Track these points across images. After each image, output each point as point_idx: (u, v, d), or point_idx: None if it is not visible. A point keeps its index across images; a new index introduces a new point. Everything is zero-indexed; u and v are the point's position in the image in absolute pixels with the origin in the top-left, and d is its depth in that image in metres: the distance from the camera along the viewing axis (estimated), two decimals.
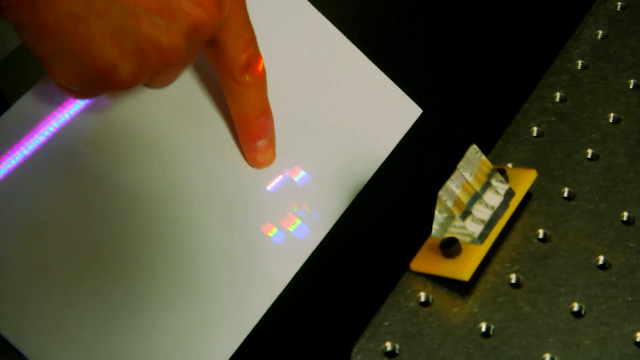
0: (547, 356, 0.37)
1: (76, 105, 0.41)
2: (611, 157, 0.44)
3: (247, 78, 0.41)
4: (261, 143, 0.43)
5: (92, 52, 0.35)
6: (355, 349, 0.38)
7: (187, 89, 0.44)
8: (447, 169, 0.39)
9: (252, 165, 0.44)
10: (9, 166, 0.39)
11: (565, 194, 0.43)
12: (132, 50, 0.36)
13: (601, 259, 0.40)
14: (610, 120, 0.46)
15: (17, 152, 0.40)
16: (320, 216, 0.44)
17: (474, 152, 0.40)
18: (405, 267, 0.40)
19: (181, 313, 0.40)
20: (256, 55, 0.41)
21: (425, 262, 0.40)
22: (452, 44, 0.62)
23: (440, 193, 0.39)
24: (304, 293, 0.50)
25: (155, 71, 0.37)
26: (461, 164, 0.39)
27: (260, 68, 0.41)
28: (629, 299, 0.39)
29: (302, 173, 0.45)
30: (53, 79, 0.37)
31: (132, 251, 0.40)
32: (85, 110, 0.41)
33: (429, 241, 0.40)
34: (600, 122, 0.46)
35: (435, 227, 0.40)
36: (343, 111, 0.47)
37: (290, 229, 0.43)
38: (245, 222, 0.43)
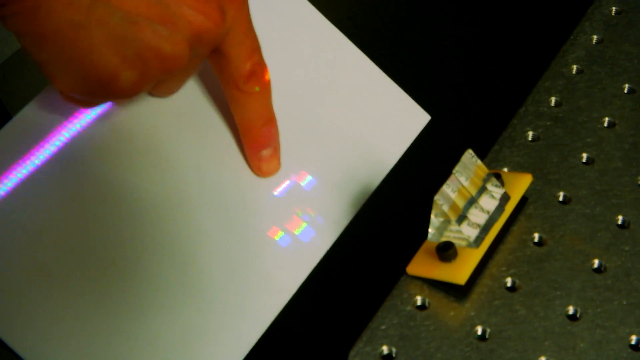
0: (543, 359, 0.37)
1: (87, 116, 0.41)
2: (606, 161, 0.45)
3: (252, 87, 0.40)
4: (266, 152, 0.43)
5: (93, 60, 0.35)
6: (352, 352, 0.38)
7: (191, 97, 0.44)
8: (443, 174, 0.40)
9: (256, 174, 0.43)
10: (19, 175, 0.39)
11: (561, 198, 0.43)
12: (133, 58, 0.35)
13: (596, 262, 0.41)
14: (606, 125, 0.47)
15: (25, 160, 0.40)
16: (327, 221, 0.44)
17: (469, 156, 0.40)
18: (402, 271, 0.41)
19: (181, 318, 0.40)
20: (260, 63, 0.40)
21: (421, 266, 0.40)
22: (448, 48, 0.62)
23: (436, 197, 0.39)
24: (302, 296, 0.50)
25: (158, 80, 0.37)
26: (457, 168, 0.40)
27: (264, 76, 0.40)
28: (624, 302, 0.39)
29: (309, 178, 0.44)
30: (55, 87, 0.37)
31: (134, 256, 0.40)
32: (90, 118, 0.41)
33: (425, 245, 0.41)
34: (596, 126, 0.46)
35: (431, 231, 0.40)
36: (349, 117, 0.46)
37: (295, 232, 0.43)
38: (251, 227, 0.42)
